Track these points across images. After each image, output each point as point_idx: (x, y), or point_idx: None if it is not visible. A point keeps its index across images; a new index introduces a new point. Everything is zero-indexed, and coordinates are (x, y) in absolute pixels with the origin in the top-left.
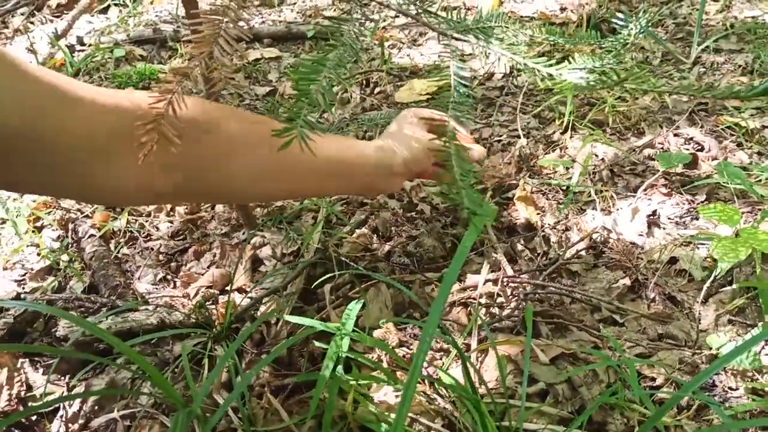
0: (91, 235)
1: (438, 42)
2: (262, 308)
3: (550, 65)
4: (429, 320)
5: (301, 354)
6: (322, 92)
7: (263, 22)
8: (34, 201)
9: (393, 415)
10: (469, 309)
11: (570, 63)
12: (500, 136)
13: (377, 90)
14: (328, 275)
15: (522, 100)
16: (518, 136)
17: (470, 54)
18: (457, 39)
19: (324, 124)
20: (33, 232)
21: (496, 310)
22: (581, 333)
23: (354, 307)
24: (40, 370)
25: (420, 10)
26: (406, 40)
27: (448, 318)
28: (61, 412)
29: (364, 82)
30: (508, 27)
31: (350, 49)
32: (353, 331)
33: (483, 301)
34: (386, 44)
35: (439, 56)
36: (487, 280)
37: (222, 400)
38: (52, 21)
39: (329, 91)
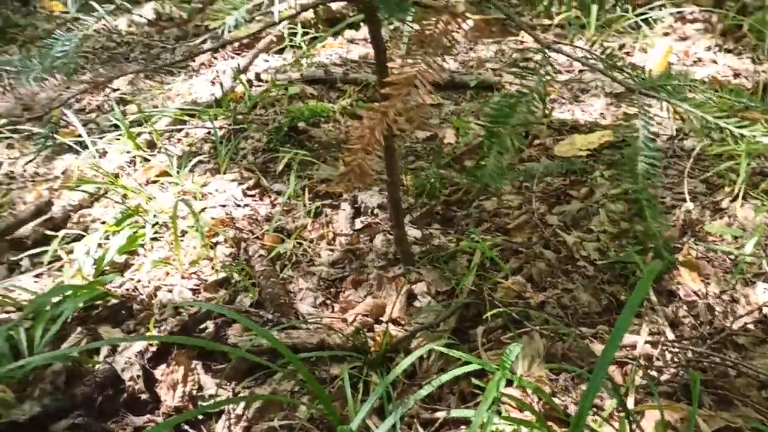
0: (261, 255)
1: (603, 98)
2: (415, 342)
3: (742, 126)
4: (596, 372)
5: (452, 391)
6: (511, 137)
7: None
8: (213, 219)
9: None
10: (624, 369)
11: (764, 126)
12: (664, 198)
13: (536, 142)
14: (480, 317)
15: (690, 164)
16: (684, 200)
17: (634, 113)
18: (644, 95)
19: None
20: (210, 247)
21: (654, 374)
22: (747, 409)
23: (514, 350)
24: (210, 374)
25: (607, 66)
26: (568, 96)
27: None
28: (225, 415)
29: (523, 133)
30: (696, 87)
31: (537, 97)
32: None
33: (641, 362)
34: (547, 98)
35: (601, 114)
36: (646, 342)
37: (372, 425)
38: (233, 57)
39: (518, 136)
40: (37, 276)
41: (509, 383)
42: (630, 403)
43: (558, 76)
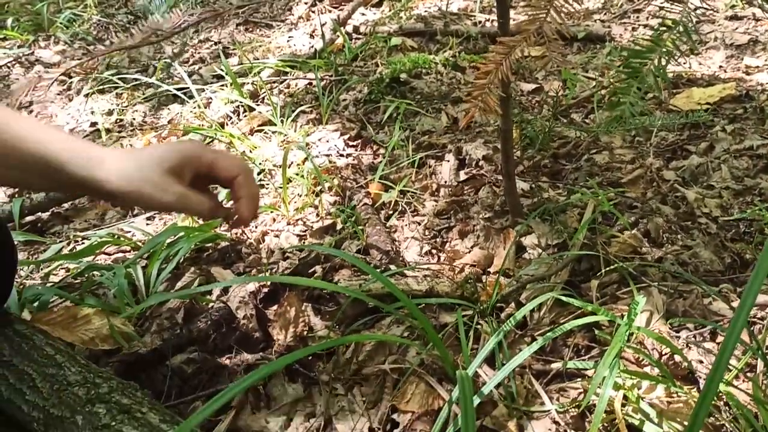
0: (365, 204)
1: (723, 50)
2: (525, 293)
3: None
4: (733, 325)
5: (565, 344)
6: (654, 73)
7: None
8: (321, 166)
9: (664, 420)
10: (751, 329)
11: None
12: None
13: (650, 95)
14: (594, 272)
15: None
16: None
17: (756, 67)
18: None
19: (587, 126)
20: (315, 195)
21: None
22: None
23: (640, 302)
24: (319, 317)
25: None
26: (683, 48)
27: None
28: (335, 357)
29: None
30: None
31: (684, 30)
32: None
33: None
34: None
35: (720, 67)
36: None
37: (483, 373)
38: (330, 11)
39: (663, 73)
40: (149, 219)
41: (627, 338)
42: (759, 365)
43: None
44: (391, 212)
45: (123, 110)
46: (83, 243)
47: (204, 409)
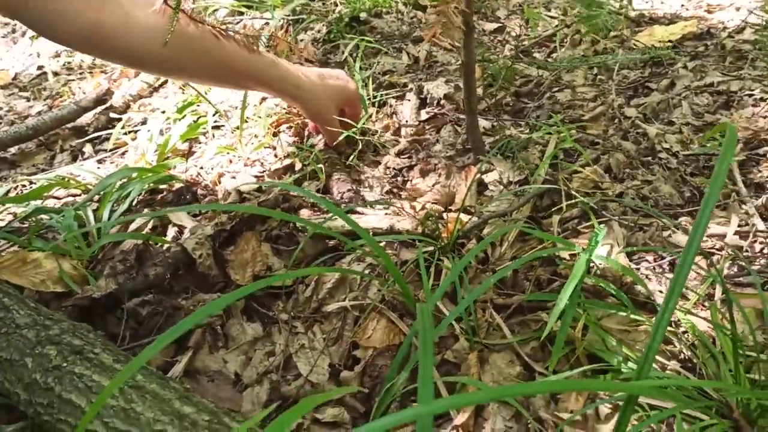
0: (325, 144)
1: None
2: (487, 229)
3: None
4: (686, 253)
5: (527, 278)
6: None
7: None
8: (278, 105)
9: (624, 347)
10: (709, 259)
11: None
12: (752, 90)
13: (612, 34)
14: (555, 207)
15: None
16: None
17: (718, 5)
18: None
19: (550, 63)
20: (273, 135)
21: (743, 264)
22: None
23: (600, 232)
24: (277, 257)
25: None
26: None
27: None
28: (295, 295)
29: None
30: None
31: None
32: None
33: (729, 252)
34: None
35: (681, 5)
36: (735, 233)
37: (444, 308)
38: None
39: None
40: (99, 162)
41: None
42: (717, 292)
43: None
44: (350, 151)
45: (71, 53)
46: (31, 187)
47: (155, 345)
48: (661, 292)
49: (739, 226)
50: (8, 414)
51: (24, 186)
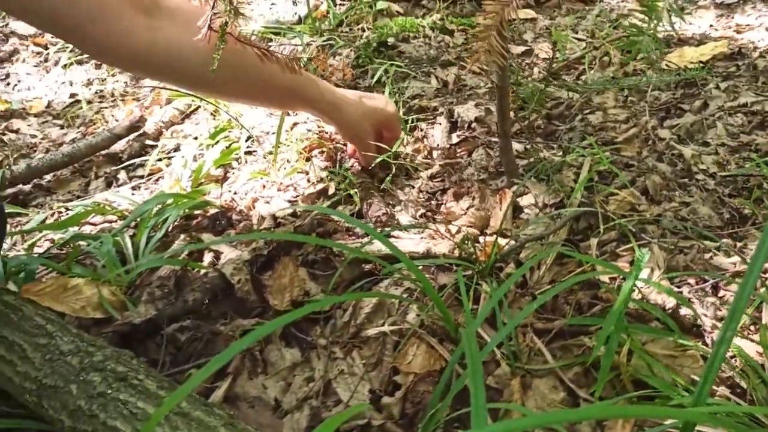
0: (357, 168)
1: (713, 9)
2: (524, 252)
3: None
4: (748, 275)
5: (567, 302)
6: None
7: None
8: (309, 131)
9: (671, 373)
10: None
11: None
12: None
13: (640, 56)
14: (592, 230)
15: None
16: None
17: (747, 25)
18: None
19: (581, 85)
20: (306, 160)
21: None
22: None
23: (645, 255)
24: (314, 282)
25: None
26: (675, 7)
27: (728, 289)
28: (333, 320)
29: (624, 47)
30: None
31: None
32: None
33: None
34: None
35: (710, 26)
36: None
37: (484, 333)
38: None
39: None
40: (134, 188)
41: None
42: (765, 315)
43: None
44: (383, 176)
45: (103, 80)
46: (67, 213)
47: (201, 373)
48: (705, 315)
49: None
50: None
51: (60, 213)
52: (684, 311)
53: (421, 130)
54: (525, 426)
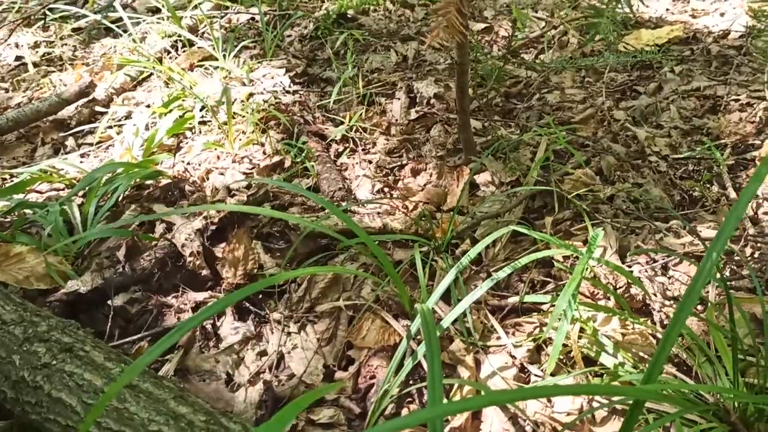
0: (315, 141)
1: None
2: (480, 230)
3: None
4: (709, 254)
5: (521, 279)
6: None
7: None
8: (266, 102)
9: (620, 351)
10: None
11: None
12: (738, 95)
13: (598, 37)
14: (547, 209)
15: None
16: (762, 98)
17: (702, 10)
18: None
19: (539, 64)
20: (261, 131)
21: (735, 268)
22: None
23: (598, 234)
24: (269, 255)
25: None
26: None
27: (677, 269)
28: (287, 295)
29: (583, 27)
30: None
31: None
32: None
33: (721, 256)
34: None
35: (666, 10)
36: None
37: (439, 310)
38: None
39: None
40: (83, 156)
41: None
42: (711, 294)
43: None
44: (341, 149)
45: (51, 43)
46: (12, 180)
47: (154, 349)
48: (655, 294)
49: (735, 228)
50: None
51: (5, 179)
52: (634, 290)
53: (380, 104)
54: (482, 404)
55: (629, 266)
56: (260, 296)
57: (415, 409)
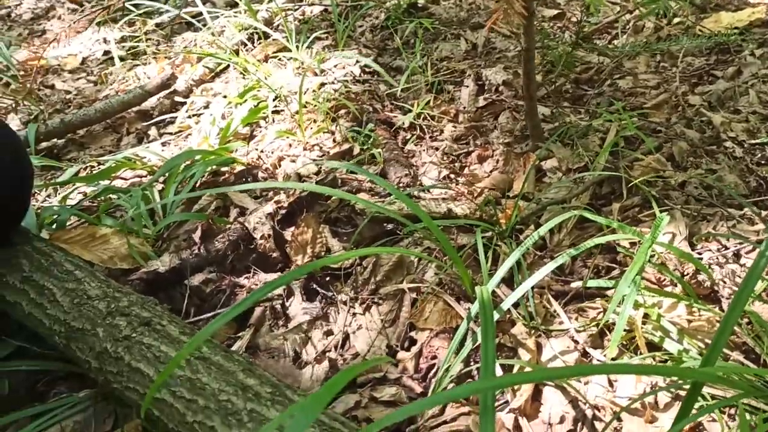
0: (383, 128)
1: None
2: (546, 216)
3: None
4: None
5: (585, 265)
6: None
7: None
8: (337, 92)
9: (685, 338)
10: None
11: None
12: None
13: (676, 20)
14: (615, 196)
15: None
16: None
17: None
18: None
19: (611, 49)
20: (332, 120)
21: None
22: None
23: (664, 219)
24: (336, 238)
25: None
26: None
27: (750, 256)
28: (353, 277)
29: (662, 12)
30: None
31: None
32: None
33: None
34: None
35: None
36: None
37: (501, 294)
38: None
39: None
40: (164, 144)
41: (649, 257)
42: None
43: None
44: (409, 137)
45: (136, 38)
46: (99, 168)
47: (221, 318)
48: (723, 281)
49: None
50: (80, 382)
51: (93, 167)
52: (702, 277)
53: (449, 92)
54: (536, 378)
55: (699, 253)
56: (328, 278)
57: None
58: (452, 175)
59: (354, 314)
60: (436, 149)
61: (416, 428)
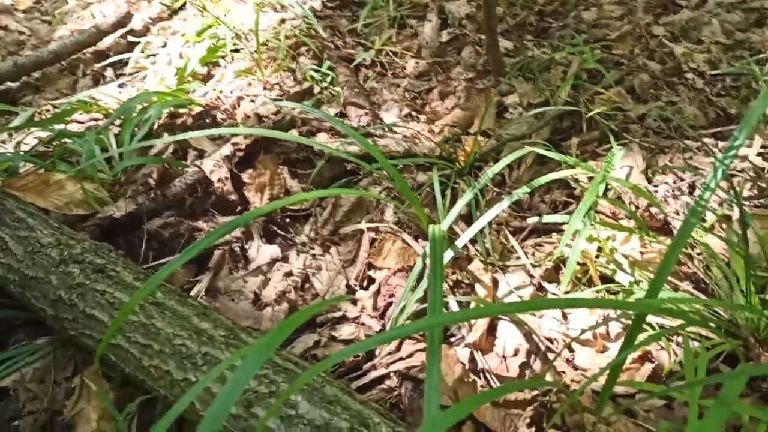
0: (344, 66)
1: None
2: (505, 152)
3: None
4: (715, 170)
5: (543, 200)
6: None
7: None
8: (297, 28)
9: (637, 270)
10: (729, 181)
11: None
12: None
13: None
14: (575, 130)
15: None
16: None
17: None
18: None
19: None
20: (292, 58)
21: (763, 185)
22: None
23: (617, 153)
24: (295, 179)
25: None
26: None
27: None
28: (312, 218)
29: None
30: None
31: None
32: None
33: (750, 174)
34: None
35: None
36: (757, 154)
37: (459, 230)
38: None
39: None
40: (120, 86)
41: (605, 192)
42: (735, 214)
43: None
44: (370, 74)
45: None
46: (55, 111)
47: (175, 262)
48: (677, 213)
49: (762, 147)
50: (39, 330)
51: (48, 110)
52: (655, 210)
53: (411, 27)
54: (483, 314)
55: (656, 186)
56: (287, 220)
57: None
58: (414, 113)
59: (313, 255)
60: (398, 86)
61: (374, 365)
